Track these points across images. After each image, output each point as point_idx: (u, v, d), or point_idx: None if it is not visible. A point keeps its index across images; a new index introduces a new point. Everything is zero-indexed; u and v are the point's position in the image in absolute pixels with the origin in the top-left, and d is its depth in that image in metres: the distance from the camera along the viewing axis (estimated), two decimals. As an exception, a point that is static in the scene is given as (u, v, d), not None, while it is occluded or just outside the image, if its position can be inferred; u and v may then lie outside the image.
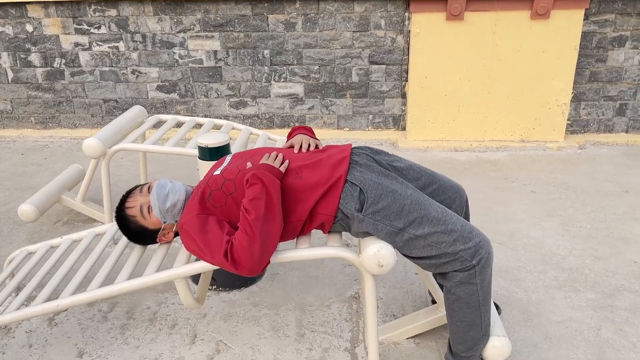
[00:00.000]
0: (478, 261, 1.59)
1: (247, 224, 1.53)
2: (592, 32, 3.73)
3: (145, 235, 1.81)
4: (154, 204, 1.73)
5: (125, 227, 1.81)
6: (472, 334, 1.69)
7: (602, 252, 2.55)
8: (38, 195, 2.74)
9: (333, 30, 3.86)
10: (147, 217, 1.76)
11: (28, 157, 3.90)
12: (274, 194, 1.57)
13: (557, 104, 3.78)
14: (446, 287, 1.67)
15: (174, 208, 1.74)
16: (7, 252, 2.64)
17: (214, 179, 1.71)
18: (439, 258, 1.61)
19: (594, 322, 2.07)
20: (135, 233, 1.81)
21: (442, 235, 1.59)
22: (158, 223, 1.76)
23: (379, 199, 1.62)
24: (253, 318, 2.13)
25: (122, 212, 1.79)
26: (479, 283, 1.62)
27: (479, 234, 1.62)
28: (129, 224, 1.79)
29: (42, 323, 2.12)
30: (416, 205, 1.62)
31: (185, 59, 4.02)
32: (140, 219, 1.76)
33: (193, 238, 1.61)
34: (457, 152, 3.85)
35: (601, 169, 3.50)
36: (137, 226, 1.78)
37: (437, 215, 1.61)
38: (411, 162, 1.87)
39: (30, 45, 4.07)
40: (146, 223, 1.77)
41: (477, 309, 1.65)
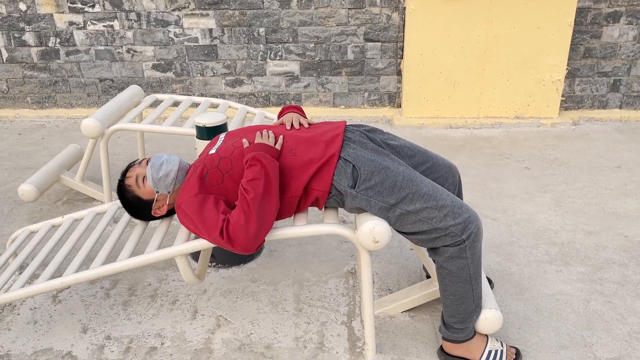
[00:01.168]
0: (468, 236, 1.64)
1: (245, 203, 1.57)
2: (587, 7, 3.72)
3: (140, 208, 1.85)
4: (148, 174, 1.78)
5: (123, 198, 1.86)
6: (465, 307, 1.74)
7: (593, 226, 2.60)
8: (38, 175, 2.77)
9: (328, 7, 3.84)
10: (141, 187, 1.81)
11: (25, 137, 3.91)
12: (272, 174, 1.60)
13: (551, 80, 3.80)
14: (438, 262, 1.72)
15: (166, 178, 1.78)
16: (8, 232, 2.68)
17: (210, 158, 1.74)
18: (430, 233, 1.66)
19: (583, 295, 2.13)
20: (132, 204, 1.85)
21: (433, 211, 1.64)
22: (151, 193, 1.81)
23: (372, 176, 1.66)
24: (252, 293, 2.19)
25: (121, 182, 1.86)
26: (470, 257, 1.67)
27: (469, 209, 1.67)
28: (126, 194, 1.84)
29: (46, 300, 2.17)
30: (408, 181, 1.66)
31: (180, 37, 4.01)
32: (135, 188, 1.82)
33: (190, 217, 1.64)
34: (452, 129, 3.88)
35: (594, 145, 3.54)
36: (133, 196, 1.83)
37: (428, 191, 1.65)
38: (405, 140, 1.90)
39: (24, 24, 4.04)
40: (140, 193, 1.82)
41: (468, 282, 1.71)
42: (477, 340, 1.79)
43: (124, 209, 1.89)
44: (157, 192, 1.79)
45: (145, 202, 1.82)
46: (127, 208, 1.88)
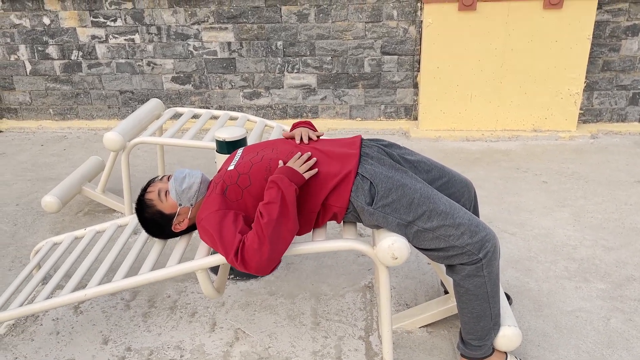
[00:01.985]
0: (484, 254, 1.64)
1: (259, 227, 1.58)
2: (605, 21, 3.71)
3: (162, 223, 1.86)
4: (171, 187, 1.80)
5: (143, 214, 1.86)
6: (483, 325, 1.74)
7: (613, 242, 2.58)
8: (60, 187, 2.82)
9: (345, 21, 3.88)
10: (163, 201, 1.82)
11: (48, 148, 3.99)
12: (288, 199, 1.60)
13: (569, 94, 3.78)
14: (455, 280, 1.72)
15: (189, 190, 1.79)
16: (31, 242, 2.74)
17: (229, 174, 1.76)
18: (447, 251, 1.66)
19: (603, 312, 2.11)
20: (152, 220, 1.86)
21: (450, 229, 1.64)
22: (174, 206, 1.82)
23: (389, 193, 1.67)
24: (270, 307, 2.21)
25: (141, 198, 1.87)
26: (487, 275, 1.67)
27: (485, 228, 1.67)
28: (147, 209, 1.85)
29: (68, 311, 2.21)
30: (425, 199, 1.67)
31: (199, 50, 4.07)
32: (157, 202, 1.83)
33: (210, 233, 1.66)
34: (468, 141, 3.88)
35: (613, 159, 3.51)
36: (155, 211, 1.84)
37: (445, 209, 1.66)
38: (422, 155, 1.91)
39: (47, 37, 4.14)
40: (162, 207, 1.83)
41: (485, 300, 1.70)
42: (496, 357, 1.79)
43: (143, 227, 1.90)
44: (180, 205, 1.81)
45: (166, 217, 1.84)
46: (146, 225, 1.88)
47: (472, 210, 1.96)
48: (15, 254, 2.64)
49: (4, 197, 3.22)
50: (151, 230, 1.90)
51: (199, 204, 1.84)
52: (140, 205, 1.87)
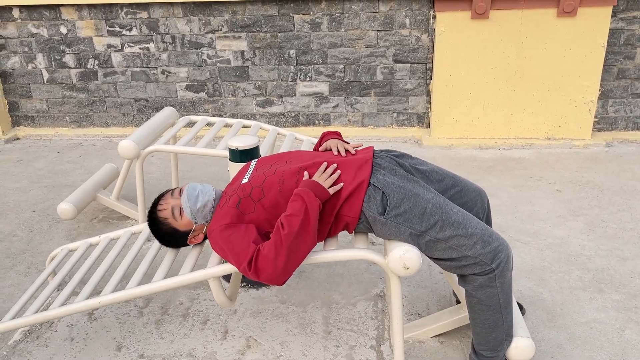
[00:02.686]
0: (497, 265, 1.63)
1: (278, 238, 1.59)
2: (620, 29, 3.69)
3: (176, 237, 1.87)
4: (185, 205, 1.80)
5: (157, 230, 1.87)
6: (495, 335, 1.73)
7: (628, 252, 2.55)
8: (76, 194, 2.86)
9: (358, 29, 3.89)
10: (178, 219, 1.82)
11: (64, 156, 4.05)
12: (311, 214, 1.60)
13: (583, 102, 3.76)
14: (467, 291, 1.71)
15: (204, 209, 1.80)
16: (47, 249, 2.77)
17: (242, 187, 1.77)
18: (459, 261, 1.65)
19: (618, 324, 2.09)
20: (167, 235, 1.86)
21: (462, 239, 1.63)
22: (189, 224, 1.83)
23: (401, 203, 1.67)
24: (281, 315, 2.21)
25: (154, 215, 1.86)
26: (499, 286, 1.66)
27: (499, 238, 1.66)
28: (161, 226, 1.85)
29: (83, 317, 2.24)
30: (437, 208, 1.66)
31: (213, 59, 4.11)
32: (172, 220, 1.83)
33: (221, 245, 1.68)
34: (481, 150, 3.86)
35: (629, 168, 3.47)
36: (169, 228, 1.85)
37: (457, 218, 1.65)
38: (434, 165, 1.91)
39: (64, 46, 4.20)
40: (177, 225, 1.83)
41: (498, 311, 1.69)
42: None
43: (156, 238, 1.91)
44: (196, 223, 1.82)
45: (180, 233, 1.85)
46: (160, 238, 1.89)
47: (484, 219, 1.96)
48: (31, 260, 2.68)
49: (21, 204, 3.27)
50: (165, 243, 1.91)
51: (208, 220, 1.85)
52: (154, 222, 1.87)
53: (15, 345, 2.09)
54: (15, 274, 2.56)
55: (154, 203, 1.89)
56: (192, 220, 1.81)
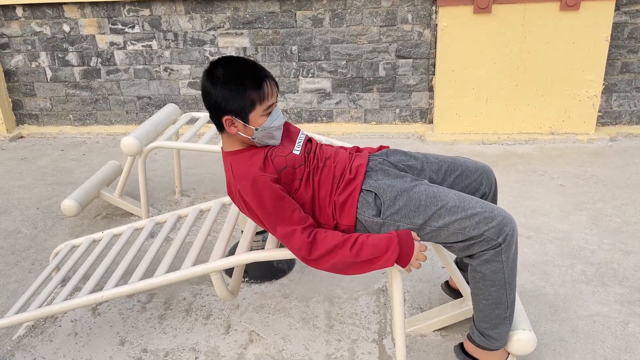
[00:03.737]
0: (504, 239, 1.61)
1: (342, 246, 1.57)
2: (623, 22, 3.66)
3: (222, 108, 1.63)
4: (277, 112, 1.68)
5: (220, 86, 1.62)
6: (498, 312, 1.71)
7: (631, 246, 2.54)
8: (79, 191, 2.87)
9: (360, 25, 3.89)
10: (251, 109, 1.63)
11: (67, 153, 4.06)
12: (378, 263, 1.58)
13: (587, 96, 3.74)
14: (472, 266, 1.69)
15: (272, 135, 1.69)
16: (50, 245, 2.79)
17: (292, 157, 1.71)
18: (465, 242, 1.64)
19: (621, 317, 2.08)
20: (218, 98, 1.62)
21: (464, 221, 1.62)
22: (255, 121, 1.64)
23: (395, 201, 1.67)
24: (284, 309, 2.22)
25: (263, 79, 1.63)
26: (505, 260, 1.64)
27: (502, 212, 1.64)
28: (230, 89, 1.61)
29: (86, 312, 2.25)
30: (432, 198, 1.66)
31: (215, 55, 4.11)
32: (257, 104, 1.63)
33: (262, 199, 1.60)
34: (485, 145, 3.85)
35: (632, 162, 3.46)
36: (246, 101, 1.62)
37: (454, 203, 1.64)
38: (428, 154, 1.90)
39: (67, 45, 4.22)
40: (238, 102, 1.61)
41: (502, 286, 1.68)
42: (498, 354, 1.77)
43: (206, 91, 1.66)
44: (256, 131, 1.66)
45: (230, 109, 1.63)
46: (210, 96, 1.65)
47: (491, 196, 1.92)
48: (35, 256, 2.69)
49: (25, 201, 3.29)
50: (210, 104, 1.68)
51: (243, 144, 1.72)
52: (234, 79, 1.61)
53: (19, 340, 2.10)
54: (20, 270, 2.57)
55: (254, 72, 1.64)
56: (254, 127, 1.65)
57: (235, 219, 2.06)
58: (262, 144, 1.72)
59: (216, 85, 1.62)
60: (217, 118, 1.68)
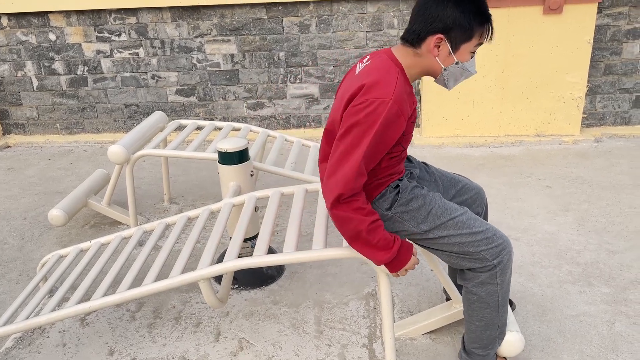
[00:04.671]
0: (499, 261, 1.64)
1: (364, 214, 1.52)
2: (606, 25, 3.72)
3: (436, 19, 1.51)
4: (472, 67, 1.60)
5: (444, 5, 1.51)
6: (489, 333, 1.74)
7: (617, 246, 2.57)
8: (66, 200, 2.86)
9: (346, 30, 3.91)
10: (469, 47, 1.54)
11: (55, 162, 4.04)
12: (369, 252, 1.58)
13: (572, 98, 3.79)
14: (467, 288, 1.72)
15: (459, 76, 1.61)
16: (38, 255, 2.77)
17: (410, 129, 1.64)
18: (460, 254, 1.67)
19: (607, 317, 2.10)
20: (442, 11, 1.50)
21: (466, 237, 1.64)
22: (450, 57, 1.55)
23: (410, 202, 1.68)
24: (274, 316, 2.22)
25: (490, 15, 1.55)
26: (500, 283, 1.67)
27: (502, 235, 1.67)
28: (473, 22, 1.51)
29: (75, 323, 2.23)
30: (444, 210, 1.67)
31: (203, 63, 4.11)
32: (475, 38, 1.53)
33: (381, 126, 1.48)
34: (472, 147, 3.88)
35: (617, 162, 3.50)
36: (469, 31, 1.52)
37: (462, 219, 1.66)
38: (433, 167, 1.93)
39: (53, 53, 4.20)
40: (464, 43, 1.53)
41: (496, 309, 1.70)
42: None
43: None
44: (456, 64, 1.56)
45: (449, 27, 1.50)
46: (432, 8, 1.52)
47: (482, 215, 1.97)
48: (22, 267, 2.67)
49: (12, 211, 3.26)
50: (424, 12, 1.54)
51: (429, 68, 1.60)
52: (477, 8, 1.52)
53: (7, 352, 2.08)
54: (7, 282, 2.55)
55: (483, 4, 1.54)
56: (455, 62, 1.56)
57: (223, 225, 2.06)
58: (440, 82, 1.62)
59: (447, 2, 1.50)
60: (427, 33, 1.52)
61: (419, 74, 1.61)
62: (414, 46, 1.56)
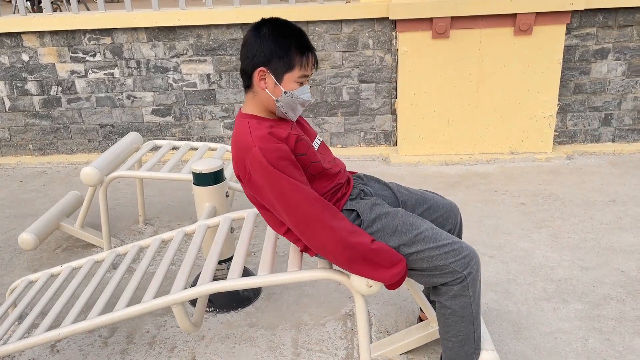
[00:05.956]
0: (469, 272, 1.65)
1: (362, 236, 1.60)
2: (574, 45, 3.82)
3: (256, 54, 1.60)
4: (304, 94, 1.65)
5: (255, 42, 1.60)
6: (466, 349, 1.74)
7: (589, 262, 2.61)
8: (38, 224, 2.80)
9: (323, 51, 3.95)
10: (293, 76, 1.61)
11: (27, 184, 3.96)
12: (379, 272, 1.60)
13: (543, 116, 3.87)
14: (440, 303, 1.72)
15: (299, 105, 1.67)
16: (8, 281, 2.70)
17: (312, 151, 1.70)
18: (431, 271, 1.67)
19: (582, 333, 2.13)
20: (257, 52, 1.60)
21: (433, 250, 1.66)
22: (278, 90, 1.62)
23: (374, 222, 1.69)
24: (250, 339, 2.19)
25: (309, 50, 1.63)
26: (472, 295, 1.68)
27: (468, 247, 1.69)
28: (264, 46, 1.59)
29: (44, 350, 2.17)
30: (408, 226, 1.69)
31: (179, 82, 4.10)
32: (296, 68, 1.61)
33: (282, 165, 1.55)
34: (447, 166, 3.93)
35: (588, 179, 3.57)
36: (268, 50, 1.59)
37: (428, 234, 1.68)
38: (400, 186, 1.94)
39: (26, 74, 4.15)
40: (286, 73, 1.60)
41: (470, 322, 1.71)
42: None
43: (244, 47, 1.64)
44: (284, 94, 1.63)
45: (267, 60, 1.60)
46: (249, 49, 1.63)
47: (456, 233, 1.98)
48: (-9, 293, 2.60)
49: (-19, 235, 3.18)
50: (253, 45, 1.62)
51: (269, 105, 1.67)
52: (282, 39, 1.59)
53: (-28, 382, 2.02)
54: (-26, 308, 2.47)
55: (302, 38, 1.63)
56: (283, 88, 1.62)
57: (198, 248, 2.04)
58: (281, 113, 1.68)
59: (262, 37, 1.59)
60: (251, 69, 1.62)
61: (267, 110, 1.69)
62: (249, 87, 1.67)
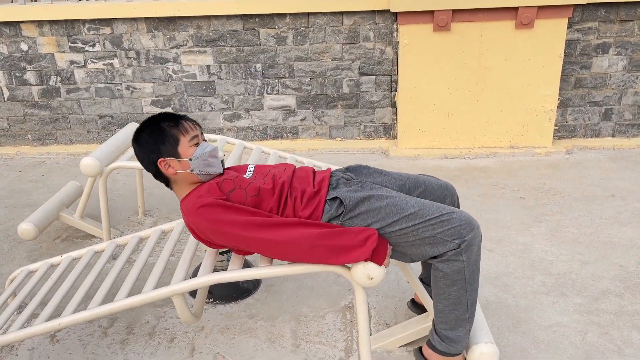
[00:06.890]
0: (462, 240, 1.64)
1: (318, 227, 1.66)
2: (576, 39, 3.81)
3: (155, 151, 1.77)
4: (204, 145, 1.77)
5: (148, 136, 1.77)
6: (457, 313, 1.73)
7: (588, 256, 2.62)
8: (37, 214, 2.79)
9: (323, 43, 3.93)
10: (183, 144, 1.76)
11: (26, 174, 3.95)
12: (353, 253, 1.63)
13: (544, 110, 3.86)
14: (434, 265, 1.72)
15: (210, 165, 1.78)
16: (7, 271, 2.70)
17: (240, 179, 1.78)
18: (419, 243, 1.68)
19: (580, 327, 2.14)
20: (150, 142, 1.76)
21: (420, 224, 1.67)
22: (185, 153, 1.75)
23: (356, 206, 1.71)
24: (249, 330, 2.19)
25: (162, 124, 1.77)
26: (466, 260, 1.67)
27: (464, 218, 1.67)
28: (159, 134, 1.75)
29: (44, 340, 2.18)
30: (392, 207, 1.69)
31: (178, 74, 4.09)
32: (176, 135, 1.75)
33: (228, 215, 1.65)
34: (447, 159, 3.92)
35: (588, 174, 3.58)
36: (162, 138, 1.75)
37: (413, 211, 1.68)
38: (392, 172, 1.94)
39: (25, 63, 4.13)
40: (174, 149, 1.75)
41: (462, 287, 1.70)
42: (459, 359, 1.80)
43: (134, 142, 1.81)
44: (190, 161, 1.76)
45: (165, 152, 1.76)
46: (142, 145, 1.79)
47: None
48: (-10, 282, 2.60)
49: (-20, 225, 3.18)
50: (140, 151, 1.81)
51: (186, 179, 1.80)
52: (153, 126, 1.77)
53: (-28, 371, 2.02)
54: (-26, 298, 2.47)
55: (164, 116, 1.80)
56: (191, 158, 1.75)
57: (198, 239, 2.04)
58: (206, 175, 1.80)
59: (142, 140, 1.78)
60: (155, 166, 1.79)
61: (194, 183, 1.81)
62: (168, 181, 1.85)
